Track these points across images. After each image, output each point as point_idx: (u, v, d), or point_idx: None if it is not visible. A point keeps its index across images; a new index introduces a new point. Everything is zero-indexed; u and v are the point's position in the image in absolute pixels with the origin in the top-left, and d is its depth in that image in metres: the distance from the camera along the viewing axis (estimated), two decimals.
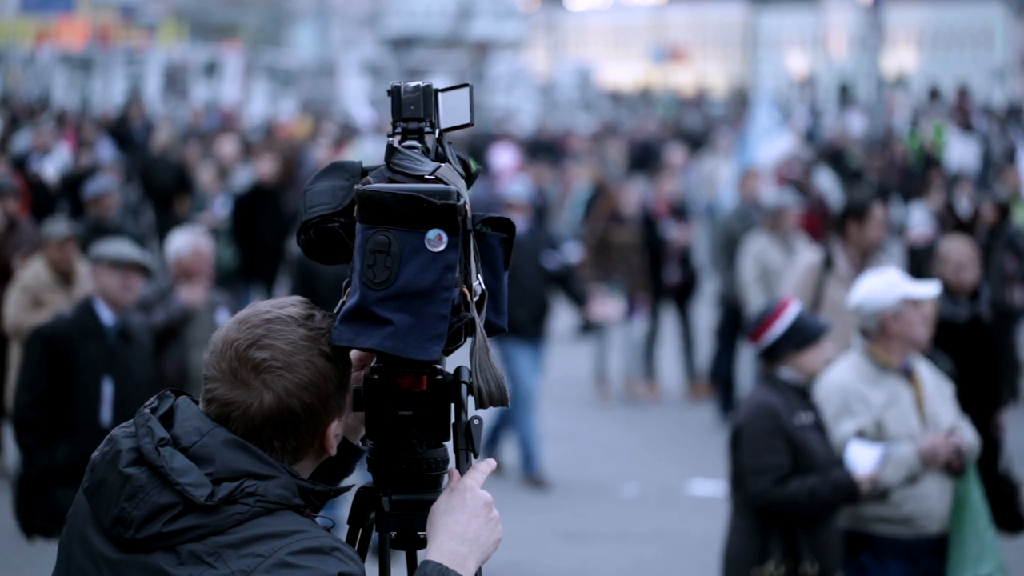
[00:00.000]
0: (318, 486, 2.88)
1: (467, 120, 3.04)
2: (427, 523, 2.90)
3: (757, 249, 13.10)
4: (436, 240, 2.83)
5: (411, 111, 2.98)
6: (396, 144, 2.96)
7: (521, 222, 11.90)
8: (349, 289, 2.90)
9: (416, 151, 2.94)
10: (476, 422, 2.94)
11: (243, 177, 18.51)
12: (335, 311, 2.91)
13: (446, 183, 2.89)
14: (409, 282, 2.83)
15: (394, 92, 2.99)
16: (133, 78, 37.91)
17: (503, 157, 25.35)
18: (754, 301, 12.78)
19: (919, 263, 15.29)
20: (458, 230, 2.85)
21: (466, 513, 2.88)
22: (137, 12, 53.36)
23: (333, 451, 2.93)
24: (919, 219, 16.58)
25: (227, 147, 20.22)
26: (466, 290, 2.90)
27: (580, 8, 74.92)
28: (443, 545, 2.85)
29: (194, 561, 2.74)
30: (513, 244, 3.05)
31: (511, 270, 3.06)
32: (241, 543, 2.73)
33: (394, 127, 3.00)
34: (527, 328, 12.05)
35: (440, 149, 3.00)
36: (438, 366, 2.92)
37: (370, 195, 2.86)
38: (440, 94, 3.01)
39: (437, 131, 3.01)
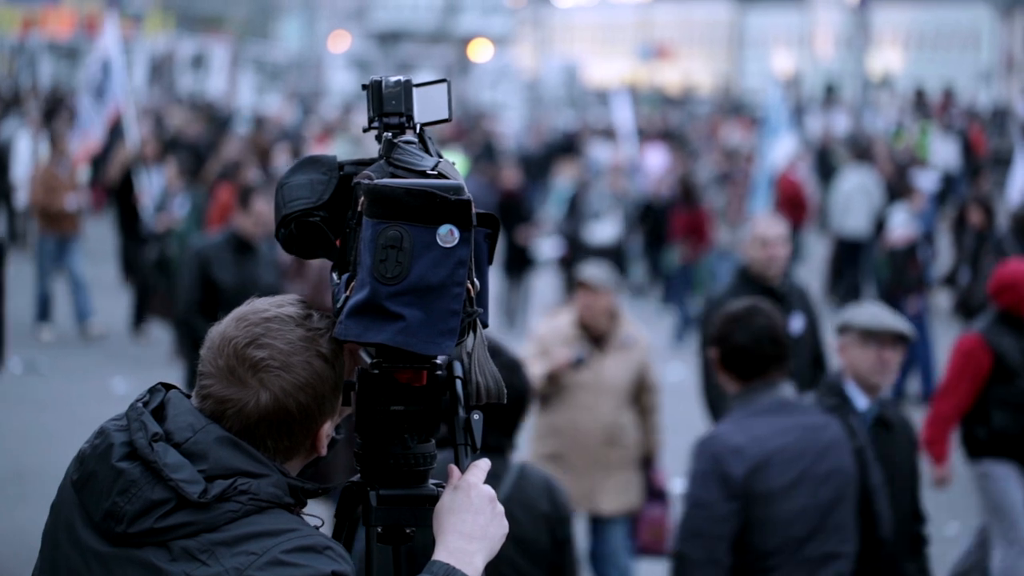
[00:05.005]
0: (307, 484, 2.88)
1: (445, 115, 3.04)
2: (433, 522, 2.91)
3: None
4: (448, 236, 2.82)
5: (392, 106, 2.98)
6: (394, 139, 2.95)
7: None
8: (353, 284, 2.88)
9: (414, 146, 2.94)
10: (476, 417, 2.94)
11: None
12: (337, 307, 2.90)
13: (449, 177, 2.88)
14: (421, 277, 2.82)
15: (374, 87, 2.99)
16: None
17: (654, 158, 24.98)
18: None
19: (900, 266, 15.23)
20: (470, 225, 2.84)
21: (472, 510, 2.88)
22: (123, 1, 53.19)
23: (324, 451, 2.94)
24: (900, 220, 16.44)
25: (281, 158, 18.54)
26: (470, 286, 2.89)
27: (567, 5, 74.90)
28: (450, 544, 2.86)
29: (186, 557, 2.73)
30: (497, 240, 3.03)
31: None
32: (234, 541, 2.74)
33: (370, 122, 3.00)
34: None
35: (423, 145, 3.00)
36: (437, 361, 2.92)
37: (381, 190, 2.84)
38: (417, 89, 3.01)
39: (418, 126, 3.00)
